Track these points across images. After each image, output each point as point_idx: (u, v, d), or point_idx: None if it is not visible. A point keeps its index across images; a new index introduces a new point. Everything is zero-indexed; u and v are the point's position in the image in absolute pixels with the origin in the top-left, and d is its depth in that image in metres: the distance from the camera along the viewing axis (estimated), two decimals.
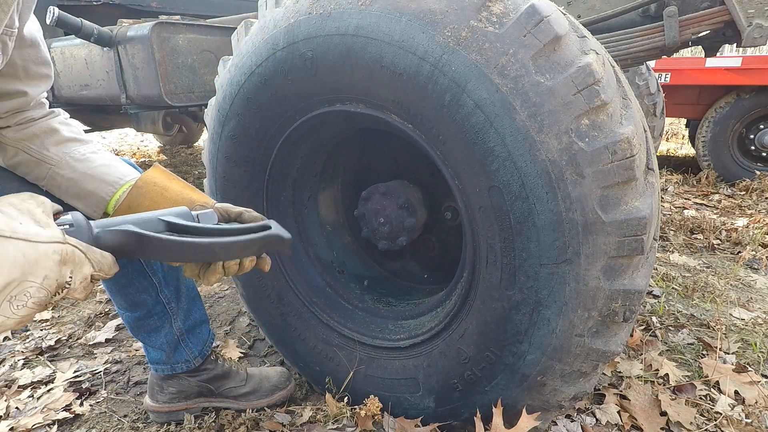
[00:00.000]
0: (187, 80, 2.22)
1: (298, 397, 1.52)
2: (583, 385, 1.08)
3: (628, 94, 1.01)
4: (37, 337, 1.96)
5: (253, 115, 1.27)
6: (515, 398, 1.10)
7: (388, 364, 1.32)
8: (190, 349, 1.37)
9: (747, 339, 1.80)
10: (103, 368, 1.73)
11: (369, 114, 1.10)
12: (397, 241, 1.38)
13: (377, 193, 1.39)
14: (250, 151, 1.34)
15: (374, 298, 1.54)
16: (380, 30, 0.99)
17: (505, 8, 0.91)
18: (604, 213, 0.90)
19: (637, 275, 0.97)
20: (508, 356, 1.07)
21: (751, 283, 2.36)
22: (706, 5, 1.83)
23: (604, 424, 1.36)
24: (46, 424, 1.42)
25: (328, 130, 1.32)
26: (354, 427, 1.30)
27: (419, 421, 1.26)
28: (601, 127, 0.89)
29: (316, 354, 1.44)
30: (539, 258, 0.96)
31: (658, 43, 1.82)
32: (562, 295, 0.96)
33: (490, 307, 1.06)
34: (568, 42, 0.91)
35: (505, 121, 0.91)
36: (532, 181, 0.92)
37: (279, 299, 1.47)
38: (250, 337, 1.92)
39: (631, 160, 0.90)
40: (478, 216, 1.02)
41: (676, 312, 2.01)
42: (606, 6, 2.10)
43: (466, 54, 0.92)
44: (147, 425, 1.42)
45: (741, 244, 2.86)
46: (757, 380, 1.51)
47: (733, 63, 4.17)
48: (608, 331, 1.00)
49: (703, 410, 1.41)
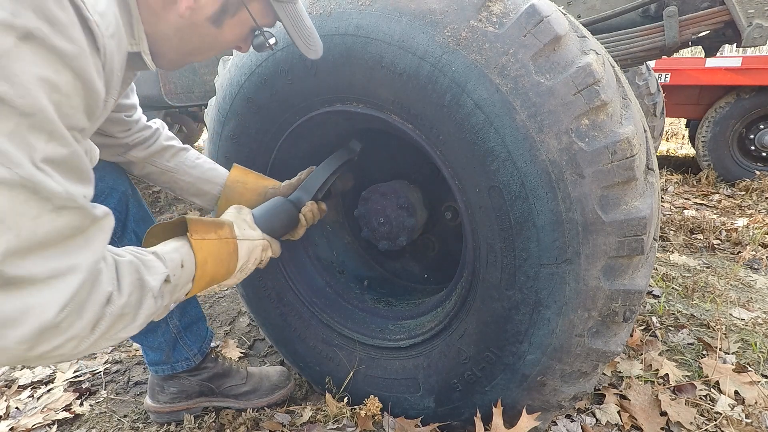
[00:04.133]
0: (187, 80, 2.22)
1: (298, 397, 1.52)
2: (583, 385, 1.08)
3: (628, 94, 1.01)
4: None
5: (253, 115, 1.27)
6: (515, 398, 1.10)
7: (388, 364, 1.32)
8: (189, 347, 1.37)
9: (747, 339, 1.80)
10: (103, 368, 1.73)
11: (369, 114, 1.10)
12: (397, 241, 1.38)
13: (377, 193, 1.39)
14: (250, 151, 1.34)
15: (374, 298, 1.54)
16: (380, 30, 0.99)
17: (505, 8, 0.91)
18: (604, 213, 0.90)
19: (637, 275, 0.97)
20: (508, 356, 1.07)
21: (751, 283, 2.36)
22: (706, 5, 1.83)
23: (604, 424, 1.36)
24: (46, 424, 1.42)
25: (328, 130, 1.32)
26: (354, 427, 1.30)
27: (419, 421, 1.26)
28: (601, 127, 0.89)
29: (316, 354, 1.44)
30: (539, 258, 0.96)
31: (658, 43, 1.82)
32: (562, 295, 0.96)
33: (490, 307, 1.06)
34: (568, 42, 0.91)
35: (505, 121, 0.91)
36: (532, 181, 0.92)
37: (279, 299, 1.47)
38: (250, 337, 1.92)
39: (631, 160, 0.90)
40: (478, 216, 1.02)
41: (676, 312, 2.01)
42: (606, 6, 2.10)
43: (466, 54, 0.92)
44: (147, 425, 1.42)
45: (741, 244, 2.86)
46: (757, 380, 1.51)
47: (733, 63, 4.18)
48: (608, 331, 1.00)
49: (703, 410, 1.41)
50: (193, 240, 0.85)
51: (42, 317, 0.54)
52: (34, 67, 0.51)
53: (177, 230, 0.90)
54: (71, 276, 0.56)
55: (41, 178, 0.51)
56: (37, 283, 0.53)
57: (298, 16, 0.86)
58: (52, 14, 0.51)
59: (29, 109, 0.50)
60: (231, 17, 0.79)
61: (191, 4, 0.71)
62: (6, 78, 0.48)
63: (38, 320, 0.54)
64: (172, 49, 0.79)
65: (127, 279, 0.65)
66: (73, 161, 0.56)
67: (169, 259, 0.78)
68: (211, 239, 0.89)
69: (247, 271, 1.02)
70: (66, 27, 0.53)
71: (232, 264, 0.95)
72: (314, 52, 0.92)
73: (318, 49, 0.93)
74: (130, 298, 0.65)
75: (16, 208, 0.50)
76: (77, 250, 0.57)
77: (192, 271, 0.84)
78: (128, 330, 0.67)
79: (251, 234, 1.02)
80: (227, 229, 0.96)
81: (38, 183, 0.51)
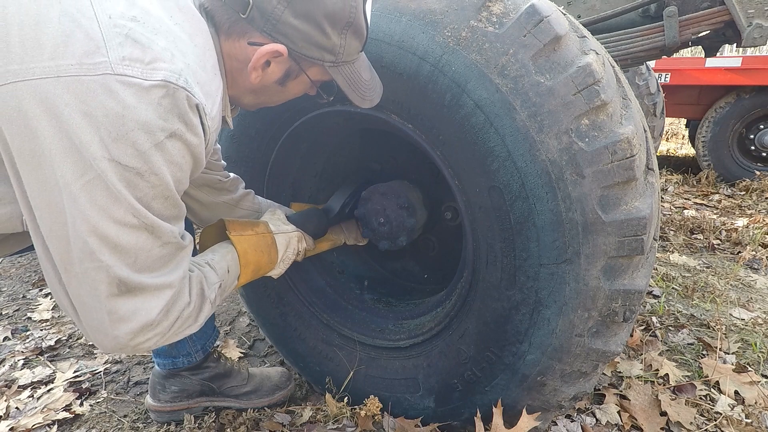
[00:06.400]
0: None
1: (298, 397, 1.52)
2: (583, 385, 1.08)
3: (628, 94, 1.01)
4: (37, 337, 1.96)
5: (253, 116, 1.27)
6: (515, 398, 1.10)
7: (388, 364, 1.32)
8: (194, 342, 1.37)
9: (747, 339, 1.80)
10: (103, 368, 1.73)
11: (369, 114, 1.10)
12: (398, 241, 1.38)
13: (377, 193, 1.39)
14: (250, 151, 1.34)
15: (374, 298, 1.54)
16: (380, 30, 0.99)
17: (505, 8, 0.91)
18: (604, 213, 0.90)
19: (637, 275, 0.97)
20: (508, 356, 1.07)
21: (751, 283, 2.37)
22: (706, 5, 1.83)
23: (604, 424, 1.36)
24: (46, 424, 1.42)
25: (328, 130, 1.32)
26: (354, 427, 1.30)
27: (419, 421, 1.26)
28: (601, 127, 0.89)
29: (316, 354, 1.44)
30: (539, 258, 0.96)
31: (658, 43, 1.82)
32: (562, 295, 0.96)
33: (490, 307, 1.06)
34: (568, 42, 0.91)
35: (505, 121, 0.91)
36: (532, 181, 0.92)
37: (279, 299, 1.47)
38: (250, 337, 1.92)
39: (631, 160, 0.90)
40: (478, 216, 1.02)
41: (676, 312, 2.01)
42: (606, 6, 2.10)
43: (466, 54, 0.92)
44: (147, 425, 1.42)
45: (741, 244, 2.86)
46: (757, 380, 1.51)
47: (733, 63, 4.18)
48: (608, 331, 1.00)
49: (703, 410, 1.41)
50: (232, 236, 1.03)
51: (147, 317, 0.74)
52: (169, 155, 0.70)
53: (222, 233, 1.07)
54: (168, 289, 0.77)
55: (158, 224, 0.72)
56: (146, 293, 0.73)
57: (355, 73, 0.93)
58: (189, 118, 0.71)
59: (157, 182, 0.70)
60: (293, 80, 0.92)
61: (260, 74, 0.87)
62: (147, 161, 0.68)
63: (144, 319, 0.74)
64: (248, 101, 0.97)
65: (195, 290, 0.85)
66: (177, 212, 0.78)
67: (219, 267, 0.96)
68: (248, 235, 1.06)
69: (288, 261, 1.17)
70: (195, 127, 0.73)
71: (273, 253, 1.11)
72: (369, 101, 0.97)
73: (375, 97, 0.98)
74: (196, 305, 0.84)
75: (138, 243, 0.71)
76: (172, 271, 0.78)
77: (236, 272, 1.01)
78: (191, 328, 0.85)
79: (285, 228, 1.17)
80: (263, 226, 1.12)
81: (156, 227, 0.72)
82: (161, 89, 0.67)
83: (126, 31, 0.66)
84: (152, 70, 0.66)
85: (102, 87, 0.63)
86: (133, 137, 0.66)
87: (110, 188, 0.66)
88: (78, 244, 0.67)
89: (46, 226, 0.67)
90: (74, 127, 0.63)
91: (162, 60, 0.67)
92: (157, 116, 0.67)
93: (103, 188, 0.66)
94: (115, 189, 0.66)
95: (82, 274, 0.68)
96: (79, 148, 0.63)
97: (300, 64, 0.88)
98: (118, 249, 0.69)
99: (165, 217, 0.74)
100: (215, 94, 0.80)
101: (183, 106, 0.70)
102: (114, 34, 0.65)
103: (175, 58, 0.69)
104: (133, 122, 0.65)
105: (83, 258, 0.68)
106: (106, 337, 0.73)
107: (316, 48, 0.85)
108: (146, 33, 0.68)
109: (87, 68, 0.63)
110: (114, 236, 0.68)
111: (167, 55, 0.68)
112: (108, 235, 0.68)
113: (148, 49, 0.67)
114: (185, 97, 0.69)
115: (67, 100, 0.62)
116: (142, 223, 0.70)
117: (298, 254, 1.20)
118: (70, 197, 0.65)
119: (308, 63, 0.88)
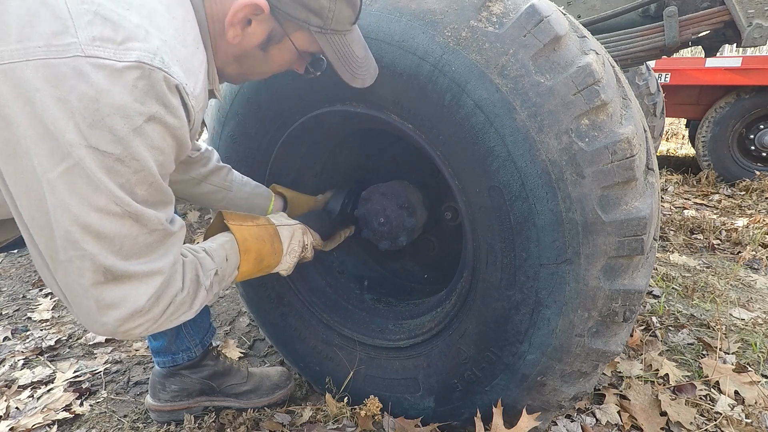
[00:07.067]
0: None
1: (298, 397, 1.52)
2: (583, 385, 1.08)
3: (628, 94, 1.01)
4: (37, 337, 1.96)
5: (253, 115, 1.27)
6: (515, 398, 1.10)
7: (388, 364, 1.32)
8: (192, 336, 1.37)
9: (747, 339, 1.80)
10: (103, 368, 1.73)
11: (369, 114, 1.10)
12: (398, 241, 1.38)
13: (377, 193, 1.39)
14: (250, 151, 1.34)
15: (374, 298, 1.54)
16: (380, 30, 0.99)
17: (505, 8, 0.91)
18: (604, 213, 0.90)
19: (637, 275, 0.97)
20: (508, 356, 1.07)
21: (751, 283, 2.37)
22: (706, 5, 1.83)
23: (604, 424, 1.36)
24: (46, 424, 1.42)
25: (328, 130, 1.32)
26: (354, 427, 1.30)
27: (419, 421, 1.26)
28: (601, 127, 0.89)
29: (316, 354, 1.44)
30: (539, 258, 0.96)
31: (658, 43, 1.82)
32: (562, 295, 0.96)
33: (490, 307, 1.06)
34: (568, 42, 0.91)
35: (505, 121, 0.91)
36: (532, 181, 0.92)
37: (279, 299, 1.47)
38: (250, 337, 1.92)
39: (631, 160, 0.90)
40: (478, 216, 1.02)
41: (676, 312, 2.01)
42: (606, 6, 2.10)
43: (466, 54, 0.92)
44: (147, 425, 1.42)
45: (741, 244, 2.86)
46: (757, 380, 1.51)
47: (733, 63, 4.18)
48: (608, 331, 1.00)
49: (703, 410, 1.41)
50: (230, 224, 1.01)
51: (136, 304, 0.73)
52: (149, 139, 0.68)
53: (224, 229, 1.05)
54: (158, 276, 0.75)
55: (142, 211, 0.70)
56: (134, 280, 0.72)
57: (346, 46, 0.89)
58: (168, 100, 0.68)
59: (138, 167, 0.68)
60: (276, 45, 0.88)
61: (239, 32, 0.82)
62: (126, 146, 0.65)
63: (133, 305, 0.72)
64: (231, 70, 0.92)
65: (188, 276, 0.83)
66: (163, 197, 0.75)
67: (216, 255, 0.93)
68: (248, 225, 1.05)
69: (295, 254, 1.13)
70: (175, 108, 0.70)
71: (277, 244, 1.08)
72: (361, 80, 0.93)
73: (367, 77, 0.94)
74: (189, 291, 0.83)
75: (123, 231, 0.69)
76: (162, 257, 0.76)
77: (236, 260, 0.98)
78: (186, 315, 0.84)
79: (288, 221, 1.15)
80: (263, 219, 1.11)
81: (140, 215, 0.70)
82: (136, 71, 0.63)
83: (95, 8, 0.62)
84: (125, 51, 0.63)
85: (73, 70, 0.60)
86: (109, 122, 0.63)
87: (90, 176, 0.64)
88: (61, 233, 0.65)
89: (28, 215, 0.66)
90: (48, 113, 0.60)
91: (135, 39, 0.64)
92: (132, 99, 0.64)
93: (82, 176, 0.63)
94: (95, 177, 0.64)
95: (68, 262, 0.67)
96: (54, 134, 0.61)
97: (284, 26, 0.84)
98: (101, 237, 0.67)
99: (150, 203, 0.72)
100: (198, 69, 0.77)
101: (161, 88, 0.66)
102: (82, 11, 0.62)
103: (150, 36, 0.66)
104: (108, 107, 0.62)
105: (67, 247, 0.66)
106: (95, 324, 0.72)
107: (301, 7, 0.81)
108: (117, 9, 0.64)
109: (56, 50, 0.60)
110: (97, 225, 0.66)
111: (141, 33, 0.65)
112: (90, 223, 0.66)
113: (120, 27, 0.63)
114: (162, 78, 0.66)
115: (38, 86, 0.59)
116: (125, 211, 0.68)
117: (305, 248, 1.16)
118: (48, 186, 0.63)
119: (293, 25, 0.84)
